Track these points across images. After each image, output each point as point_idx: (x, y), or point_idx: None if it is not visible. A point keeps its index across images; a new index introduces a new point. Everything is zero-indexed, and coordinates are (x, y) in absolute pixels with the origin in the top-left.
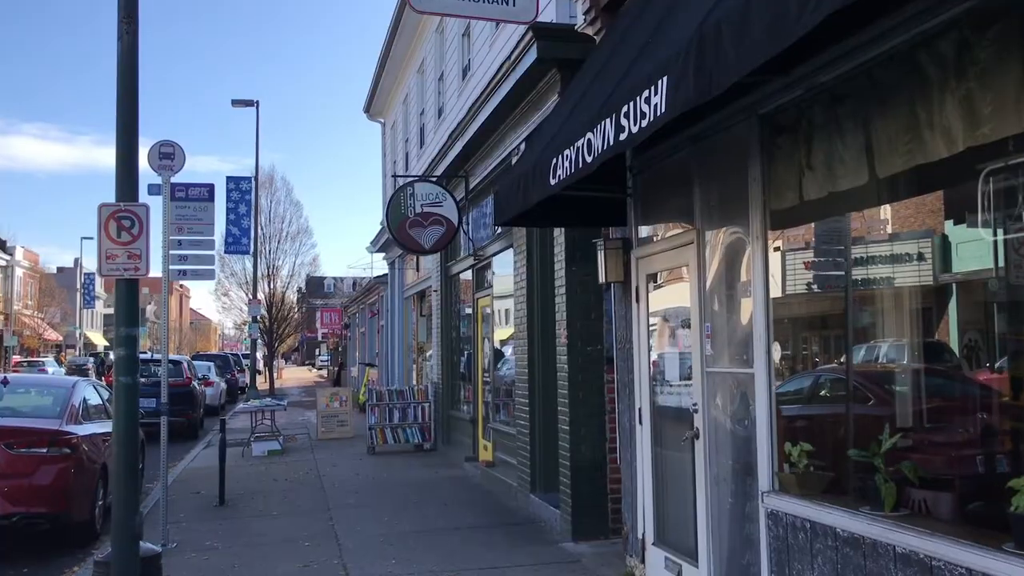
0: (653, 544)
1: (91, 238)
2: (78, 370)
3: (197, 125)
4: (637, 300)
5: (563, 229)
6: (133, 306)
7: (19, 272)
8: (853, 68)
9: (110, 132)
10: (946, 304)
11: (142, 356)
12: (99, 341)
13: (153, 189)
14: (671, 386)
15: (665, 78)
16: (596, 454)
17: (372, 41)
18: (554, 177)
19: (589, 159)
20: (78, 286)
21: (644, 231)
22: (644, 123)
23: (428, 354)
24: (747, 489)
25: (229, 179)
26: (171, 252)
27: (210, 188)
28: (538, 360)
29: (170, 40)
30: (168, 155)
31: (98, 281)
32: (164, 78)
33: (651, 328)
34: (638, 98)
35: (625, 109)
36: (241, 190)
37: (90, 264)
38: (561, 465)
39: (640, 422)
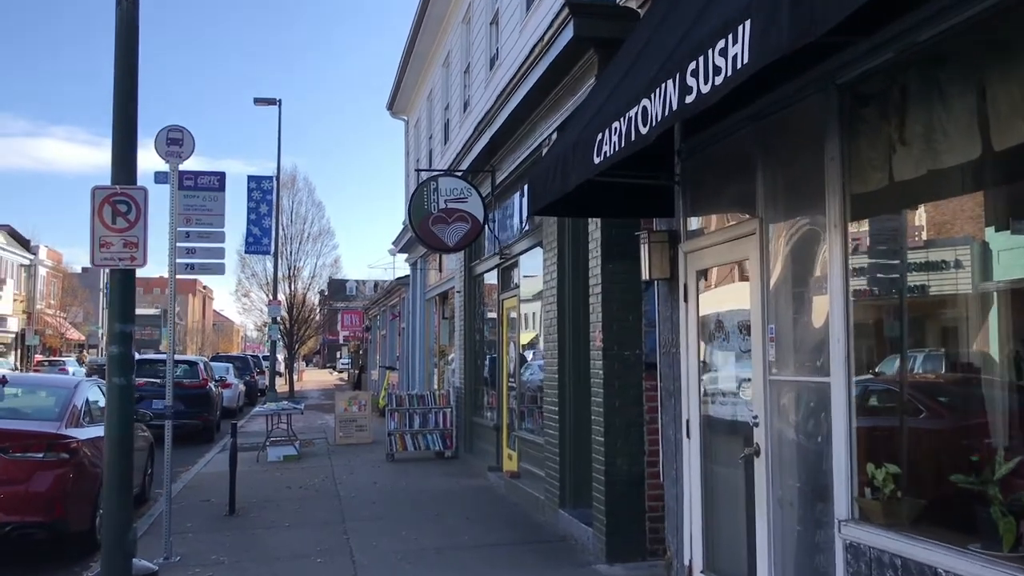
0: (702, 572)
1: None
2: (99, 370)
3: (221, 129)
4: (685, 299)
5: (599, 223)
6: (129, 300)
7: (42, 271)
8: (962, 22)
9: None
10: (987, 314)
11: (156, 357)
12: None
13: (160, 177)
14: (725, 396)
15: (748, 22)
16: (633, 468)
17: (395, 38)
18: (599, 155)
19: (644, 130)
20: (101, 286)
21: (694, 223)
22: (719, 80)
23: (450, 357)
24: (818, 515)
25: (250, 178)
26: (178, 244)
27: (220, 177)
28: (569, 365)
29: (194, 45)
30: (176, 141)
31: None
32: (187, 82)
33: (701, 330)
34: (710, 51)
35: (692, 66)
36: (263, 189)
37: None
38: (594, 479)
39: (688, 435)
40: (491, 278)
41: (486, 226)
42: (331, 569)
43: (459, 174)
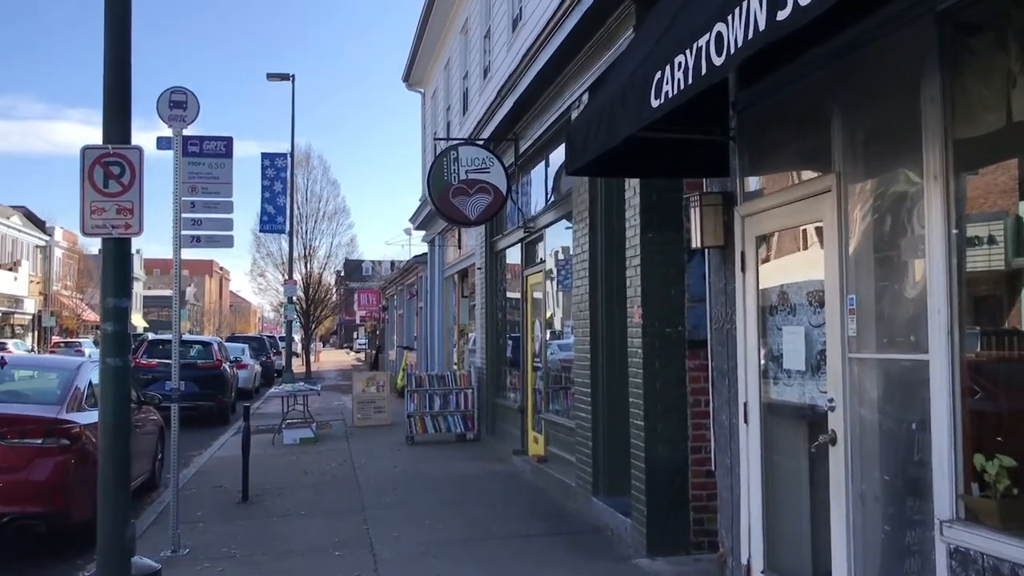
0: (763, 573)
1: None
2: None
3: (232, 109)
4: (743, 268)
5: (638, 189)
6: (124, 272)
7: (58, 253)
8: None
9: (150, 118)
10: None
11: (170, 337)
12: (139, 322)
13: (163, 143)
14: (790, 376)
15: None
16: (676, 455)
17: (411, 7)
18: (658, 97)
19: (719, 61)
20: None
21: (752, 183)
22: None
23: (470, 336)
24: (909, 513)
25: (264, 155)
26: (183, 215)
27: (228, 142)
28: (602, 344)
29: (201, 22)
30: (180, 104)
31: (136, 262)
32: (199, 63)
33: (761, 303)
34: None
35: None
36: (276, 167)
37: None
38: (632, 467)
39: (745, 420)
40: (514, 253)
41: (509, 198)
42: (350, 563)
43: (480, 143)
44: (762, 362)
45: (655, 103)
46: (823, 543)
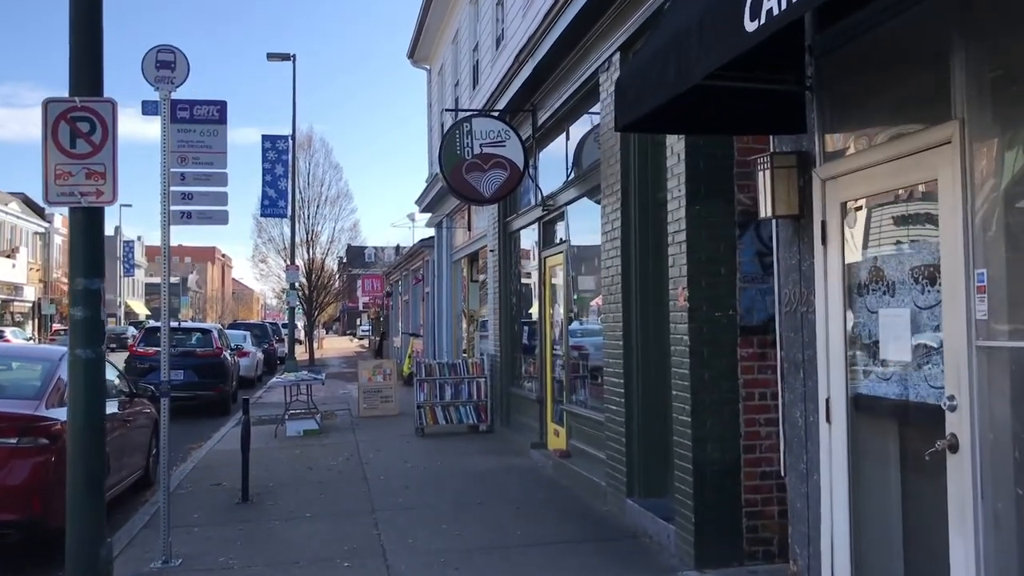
0: None
1: (130, 205)
2: (116, 340)
3: (231, 94)
4: (824, 241)
5: (681, 156)
6: (95, 249)
7: (57, 240)
8: None
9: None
10: None
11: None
12: (140, 310)
13: (149, 107)
14: (886, 367)
15: None
16: (727, 455)
17: None
18: (755, 17)
19: None
20: (118, 255)
21: (836, 140)
22: None
23: (482, 322)
24: None
25: (265, 138)
26: (172, 188)
27: (221, 106)
28: (637, 329)
29: (205, 10)
30: (167, 64)
31: (138, 249)
32: (197, 45)
33: (846, 281)
34: None
35: None
36: (278, 150)
37: (128, 232)
38: (677, 467)
39: (828, 419)
40: (530, 234)
41: (526, 173)
42: None
43: (495, 114)
44: (848, 351)
45: (751, 26)
46: (925, 567)
